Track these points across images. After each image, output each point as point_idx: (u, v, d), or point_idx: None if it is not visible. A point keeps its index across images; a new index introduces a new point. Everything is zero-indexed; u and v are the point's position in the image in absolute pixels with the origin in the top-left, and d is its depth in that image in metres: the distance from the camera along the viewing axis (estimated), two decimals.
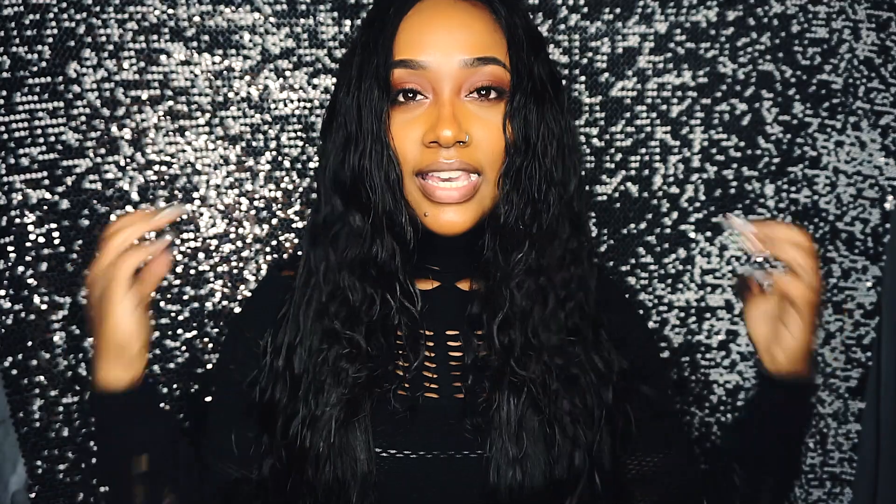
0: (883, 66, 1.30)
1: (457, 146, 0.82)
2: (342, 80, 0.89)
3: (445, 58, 0.83)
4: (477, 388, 0.88)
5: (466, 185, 0.84)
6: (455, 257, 0.91)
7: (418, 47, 0.84)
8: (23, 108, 1.11)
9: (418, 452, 0.86)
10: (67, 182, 1.14)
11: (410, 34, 0.84)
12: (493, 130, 0.85)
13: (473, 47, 0.84)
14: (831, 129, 1.32)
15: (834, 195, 1.33)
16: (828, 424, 1.38)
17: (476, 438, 0.86)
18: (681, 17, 1.26)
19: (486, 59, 0.84)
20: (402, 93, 0.84)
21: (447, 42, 0.83)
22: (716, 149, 1.31)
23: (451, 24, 0.84)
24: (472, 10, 0.86)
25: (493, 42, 0.85)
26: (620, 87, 1.27)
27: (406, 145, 0.84)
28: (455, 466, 0.86)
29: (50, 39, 1.11)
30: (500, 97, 0.85)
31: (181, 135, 1.18)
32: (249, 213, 1.22)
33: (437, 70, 0.83)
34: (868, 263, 1.35)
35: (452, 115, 0.82)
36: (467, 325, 0.90)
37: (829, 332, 1.36)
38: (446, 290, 0.93)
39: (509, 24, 0.87)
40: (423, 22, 0.85)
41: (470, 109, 0.84)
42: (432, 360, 0.90)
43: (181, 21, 1.16)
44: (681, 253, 1.33)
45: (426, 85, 0.84)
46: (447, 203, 0.84)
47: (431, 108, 0.84)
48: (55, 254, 1.15)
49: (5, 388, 1.14)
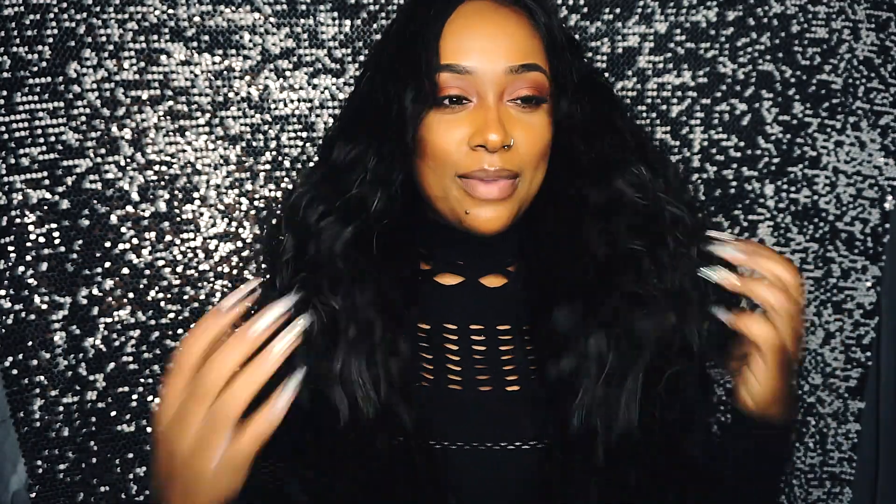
0: (883, 66, 1.30)
1: (501, 150, 0.84)
2: (374, 72, 0.90)
3: (490, 64, 0.84)
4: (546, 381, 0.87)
5: (506, 183, 0.85)
6: (480, 254, 0.93)
7: (464, 52, 0.84)
8: (23, 108, 1.11)
9: (442, 444, 0.87)
10: (67, 182, 1.15)
11: (455, 39, 0.85)
12: (534, 133, 0.86)
13: (517, 54, 0.85)
14: (831, 129, 1.32)
15: (834, 195, 1.33)
16: (828, 424, 1.38)
17: (510, 430, 0.87)
18: (681, 17, 1.26)
19: (530, 66, 0.85)
20: (449, 98, 0.85)
21: (491, 48, 0.85)
22: (716, 149, 1.31)
23: (495, 30, 0.86)
24: (513, 16, 0.88)
25: (534, 48, 0.87)
26: (620, 87, 1.27)
27: (450, 147, 0.85)
28: (488, 458, 0.87)
29: (50, 39, 1.11)
30: (541, 103, 0.87)
31: (181, 135, 1.18)
32: (249, 213, 1.22)
33: (482, 75, 0.84)
34: (868, 263, 1.35)
35: (498, 119, 0.84)
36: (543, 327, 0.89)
37: (829, 332, 1.37)
38: (469, 285, 0.94)
39: (548, 29, 0.89)
40: (467, 26, 0.86)
41: (512, 114, 0.86)
42: (455, 353, 0.91)
43: (181, 21, 1.16)
44: None
45: (471, 90, 0.85)
46: (488, 200, 0.85)
47: (476, 111, 0.85)
48: (55, 254, 1.15)
49: (5, 388, 1.14)
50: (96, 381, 1.18)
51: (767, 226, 1.34)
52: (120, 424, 1.20)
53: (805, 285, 1.34)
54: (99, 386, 1.18)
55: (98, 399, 1.18)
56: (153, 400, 1.21)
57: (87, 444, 1.19)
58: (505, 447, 0.87)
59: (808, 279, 1.35)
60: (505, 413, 0.89)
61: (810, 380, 1.37)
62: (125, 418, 1.20)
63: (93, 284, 1.17)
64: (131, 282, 1.18)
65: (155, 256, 1.19)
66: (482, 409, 0.89)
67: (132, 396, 1.20)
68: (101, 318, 1.17)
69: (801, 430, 1.38)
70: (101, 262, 1.17)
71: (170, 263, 1.20)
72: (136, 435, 1.21)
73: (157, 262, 1.19)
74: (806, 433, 1.38)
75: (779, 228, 1.34)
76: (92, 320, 1.17)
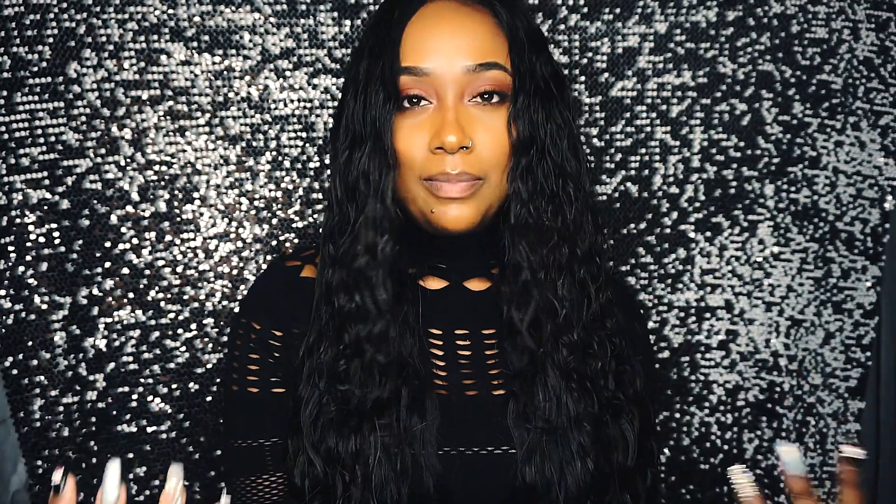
0: (882, 66, 1.30)
1: (461, 151, 0.84)
2: (349, 83, 0.90)
3: (448, 64, 0.84)
4: (514, 389, 0.89)
5: (467, 184, 0.85)
6: (463, 257, 0.93)
7: (422, 54, 0.85)
8: (23, 108, 1.11)
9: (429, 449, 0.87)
10: (68, 182, 1.15)
11: (414, 40, 0.85)
12: (496, 134, 0.86)
13: (476, 53, 0.85)
14: (831, 129, 1.32)
15: (834, 195, 1.33)
16: (828, 424, 1.38)
17: (496, 435, 0.88)
18: (681, 17, 1.26)
19: (488, 65, 0.85)
20: (408, 99, 0.85)
21: (450, 48, 0.85)
22: (716, 149, 1.31)
23: (454, 30, 0.85)
24: (474, 15, 0.87)
25: (494, 46, 0.86)
26: (620, 87, 1.27)
27: (413, 151, 0.85)
28: (475, 462, 0.87)
29: (50, 39, 1.11)
30: (503, 100, 0.86)
31: (181, 135, 1.18)
32: (249, 213, 1.22)
33: (441, 76, 0.84)
34: (868, 263, 1.35)
35: (456, 120, 0.84)
36: (506, 328, 0.91)
37: (829, 332, 1.37)
38: (454, 289, 0.94)
39: (511, 27, 0.88)
40: (426, 27, 0.86)
41: (473, 114, 0.85)
42: (441, 357, 0.91)
43: (181, 21, 1.16)
44: (680, 253, 1.33)
45: (430, 91, 0.85)
46: (451, 198, 0.85)
47: (436, 113, 0.85)
48: (55, 254, 1.15)
49: (5, 388, 1.14)
50: (96, 381, 1.18)
51: (767, 226, 1.34)
52: (120, 424, 1.20)
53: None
54: (99, 386, 1.18)
55: (98, 399, 1.18)
56: (153, 400, 1.21)
57: (87, 444, 1.19)
58: (492, 451, 0.87)
59: (808, 279, 1.35)
60: (491, 417, 0.89)
61: (810, 380, 1.37)
62: (125, 418, 1.20)
63: (93, 284, 1.17)
64: (131, 282, 1.18)
65: (155, 256, 1.19)
66: (469, 413, 0.89)
67: (132, 396, 1.20)
68: (101, 318, 1.17)
69: (802, 430, 1.38)
70: (101, 262, 1.17)
71: (170, 263, 1.20)
72: (136, 435, 1.21)
73: (157, 262, 1.19)
74: (806, 433, 1.38)
75: (779, 228, 1.34)
76: (92, 320, 1.17)
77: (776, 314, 1.36)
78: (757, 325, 1.35)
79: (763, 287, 1.35)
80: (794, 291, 1.36)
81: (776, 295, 1.35)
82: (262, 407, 0.93)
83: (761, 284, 1.35)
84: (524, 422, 0.87)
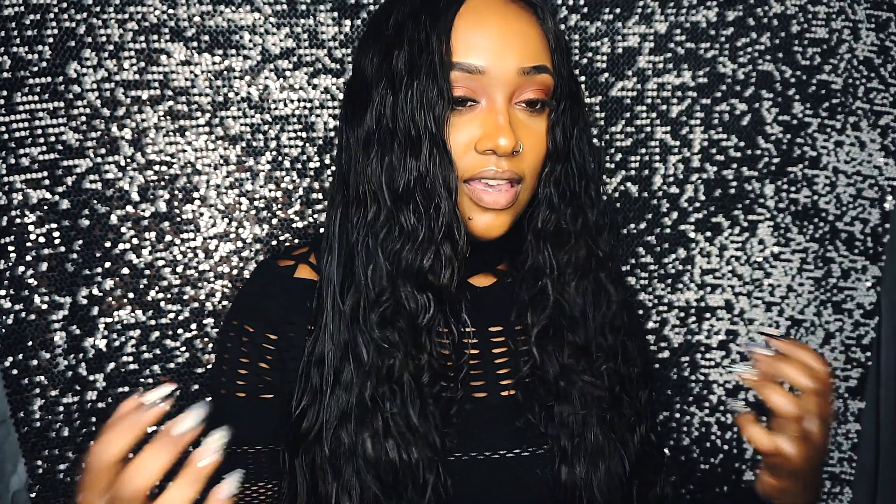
0: (883, 67, 1.30)
1: (509, 155, 0.82)
2: (381, 74, 0.84)
3: (502, 63, 0.81)
4: (530, 391, 0.90)
5: (510, 192, 0.83)
6: (472, 254, 0.90)
7: (476, 51, 0.81)
8: (23, 108, 1.11)
9: (475, 453, 0.87)
10: (67, 182, 1.15)
11: (467, 35, 0.81)
12: (539, 140, 0.85)
13: (529, 55, 0.83)
14: (831, 129, 1.32)
15: (834, 195, 1.33)
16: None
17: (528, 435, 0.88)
18: (681, 17, 1.26)
19: (539, 68, 0.83)
20: (458, 98, 0.82)
21: (503, 47, 0.82)
22: (716, 149, 1.31)
23: (508, 29, 0.82)
24: (523, 15, 0.85)
25: (542, 49, 0.85)
26: (620, 87, 1.27)
27: (459, 150, 0.82)
28: (513, 464, 0.86)
29: (50, 39, 1.11)
30: (545, 107, 0.85)
31: (181, 135, 1.18)
32: (249, 213, 1.22)
33: (495, 76, 0.81)
34: (868, 263, 1.35)
35: (509, 123, 0.82)
36: (522, 331, 0.91)
37: (829, 332, 1.37)
38: (459, 285, 0.90)
39: (554, 31, 0.87)
40: (478, 23, 0.82)
41: (520, 118, 0.84)
42: (448, 358, 0.89)
43: (181, 21, 1.16)
44: (680, 253, 1.33)
45: (479, 90, 0.82)
46: (492, 209, 0.83)
47: (485, 113, 0.82)
48: (55, 254, 1.15)
49: (5, 388, 1.14)
50: (96, 381, 1.18)
51: (767, 226, 1.34)
52: None
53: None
54: (99, 386, 1.18)
55: (98, 399, 1.18)
56: None
57: (87, 444, 1.19)
58: (504, 455, 0.86)
59: (808, 279, 1.35)
60: (501, 420, 0.88)
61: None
62: None
63: (93, 284, 1.17)
64: (131, 282, 1.18)
65: (155, 256, 1.19)
66: (478, 417, 0.88)
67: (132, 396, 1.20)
68: (101, 318, 1.17)
69: None
70: (101, 262, 1.17)
71: (170, 263, 1.20)
72: None
73: (157, 262, 1.19)
74: None
75: (779, 228, 1.34)
76: (92, 320, 1.17)
77: (776, 314, 1.36)
78: (757, 325, 1.35)
79: (763, 287, 1.35)
80: (794, 291, 1.36)
81: (776, 295, 1.35)
82: (248, 413, 0.90)
83: (761, 284, 1.35)
84: (548, 424, 0.87)
